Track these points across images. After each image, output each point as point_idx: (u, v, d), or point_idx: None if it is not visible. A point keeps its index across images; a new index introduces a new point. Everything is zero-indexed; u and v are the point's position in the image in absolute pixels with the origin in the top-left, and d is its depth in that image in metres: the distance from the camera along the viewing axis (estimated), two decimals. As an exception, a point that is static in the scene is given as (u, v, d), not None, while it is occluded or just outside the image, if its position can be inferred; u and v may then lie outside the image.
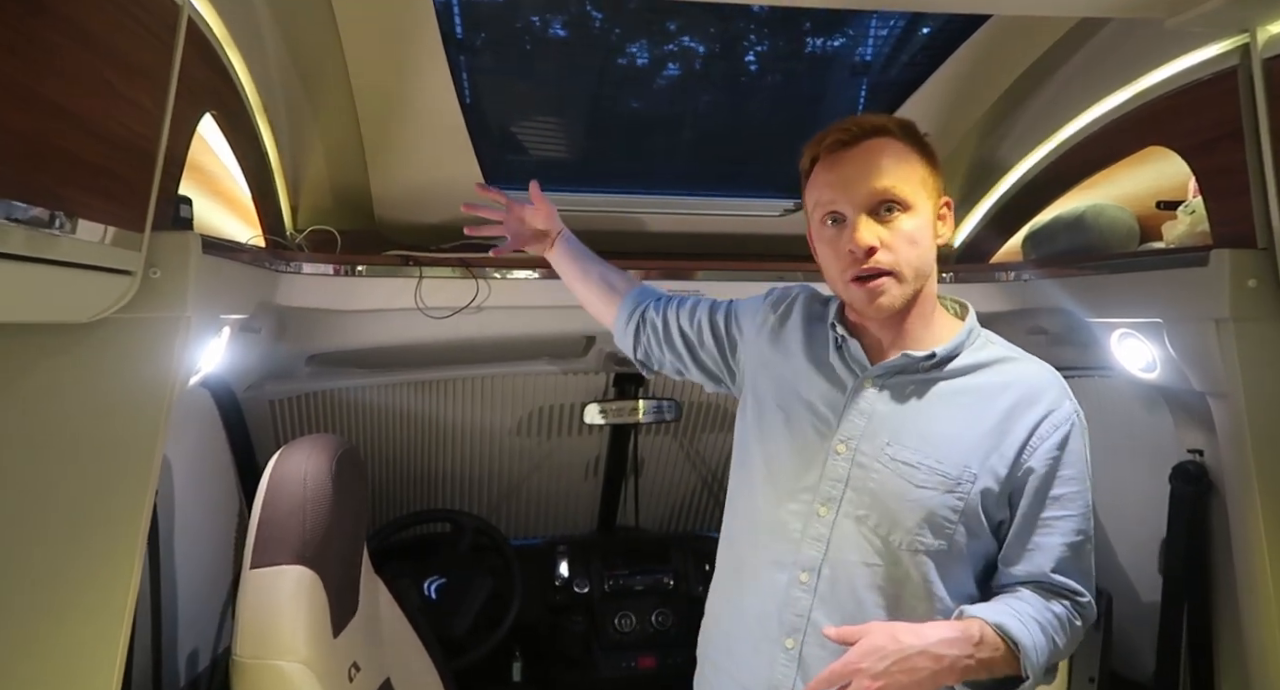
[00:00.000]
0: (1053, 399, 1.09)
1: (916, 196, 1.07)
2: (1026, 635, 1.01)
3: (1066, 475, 1.08)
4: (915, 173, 1.08)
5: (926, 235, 1.09)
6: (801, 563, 1.13)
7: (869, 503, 1.10)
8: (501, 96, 1.82)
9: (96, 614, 1.03)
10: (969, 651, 0.99)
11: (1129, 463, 1.81)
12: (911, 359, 1.11)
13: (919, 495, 1.07)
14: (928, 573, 1.09)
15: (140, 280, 1.05)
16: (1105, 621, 1.72)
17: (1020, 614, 1.04)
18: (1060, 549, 1.08)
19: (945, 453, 1.08)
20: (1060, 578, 1.08)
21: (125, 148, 0.98)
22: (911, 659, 0.97)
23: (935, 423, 1.10)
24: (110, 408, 1.06)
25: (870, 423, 1.12)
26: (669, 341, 1.40)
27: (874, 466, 1.10)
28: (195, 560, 1.66)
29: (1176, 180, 1.63)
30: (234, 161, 1.54)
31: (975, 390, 1.10)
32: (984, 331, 1.18)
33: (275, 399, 1.97)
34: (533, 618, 2.32)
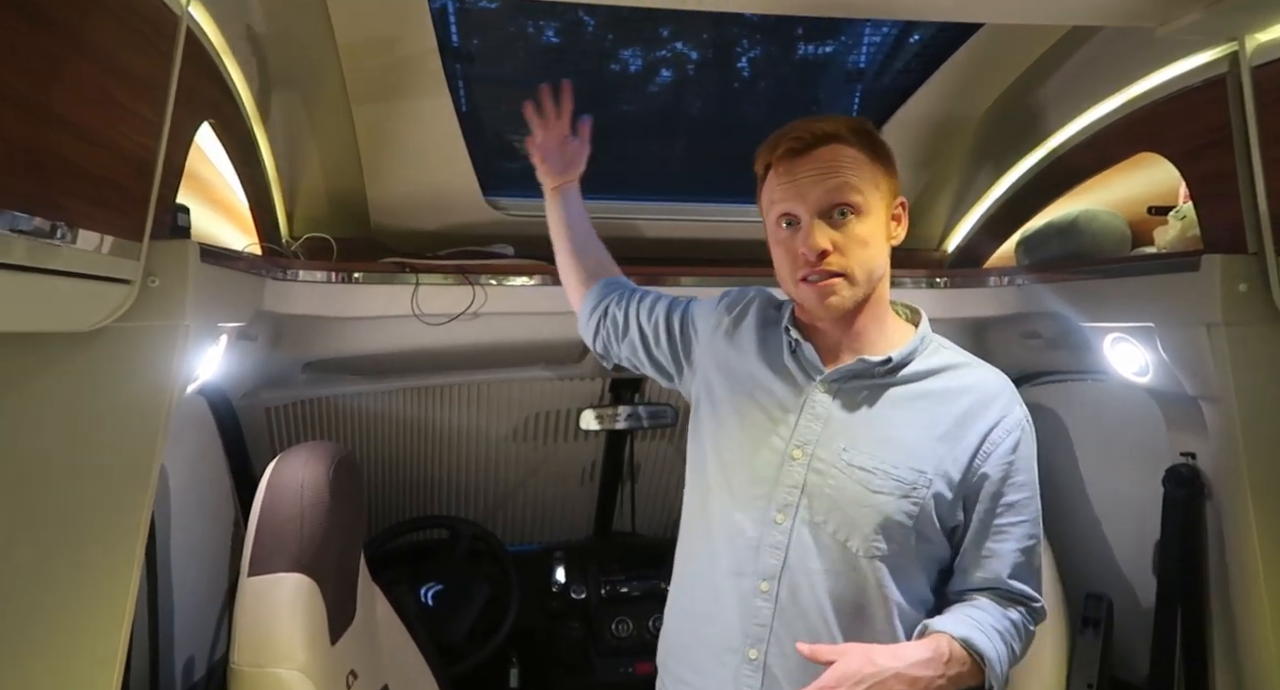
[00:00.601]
0: (1004, 405, 1.11)
1: (869, 200, 1.09)
2: (991, 648, 1.04)
3: (1019, 481, 1.10)
4: (867, 176, 1.09)
5: (878, 238, 1.10)
6: (761, 571, 1.13)
7: (826, 509, 1.10)
8: (497, 104, 1.83)
9: (95, 622, 1.03)
10: (941, 671, 1.01)
11: (1123, 466, 1.82)
12: (867, 364, 1.13)
13: (876, 501, 1.08)
14: (884, 578, 1.10)
15: (139, 289, 1.05)
16: (1105, 627, 1.73)
17: (982, 625, 1.06)
18: (1015, 555, 1.10)
19: (900, 458, 1.09)
20: (1017, 584, 1.10)
21: (125, 157, 0.98)
22: (886, 683, 0.99)
23: (890, 428, 1.11)
24: (109, 416, 1.06)
25: (826, 428, 1.13)
26: (626, 336, 1.40)
27: (830, 473, 1.11)
28: (191, 568, 1.65)
29: (1167, 186, 1.65)
30: (230, 170, 1.55)
31: (929, 396, 1.11)
32: (935, 337, 1.19)
33: (271, 406, 1.97)
34: (530, 624, 2.32)
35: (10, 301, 0.82)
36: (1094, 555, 1.89)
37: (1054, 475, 2.01)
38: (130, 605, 1.05)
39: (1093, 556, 1.89)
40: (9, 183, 0.75)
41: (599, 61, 1.78)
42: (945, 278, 1.97)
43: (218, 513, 1.82)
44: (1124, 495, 1.83)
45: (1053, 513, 1.88)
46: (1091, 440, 1.94)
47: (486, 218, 1.89)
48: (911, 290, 1.97)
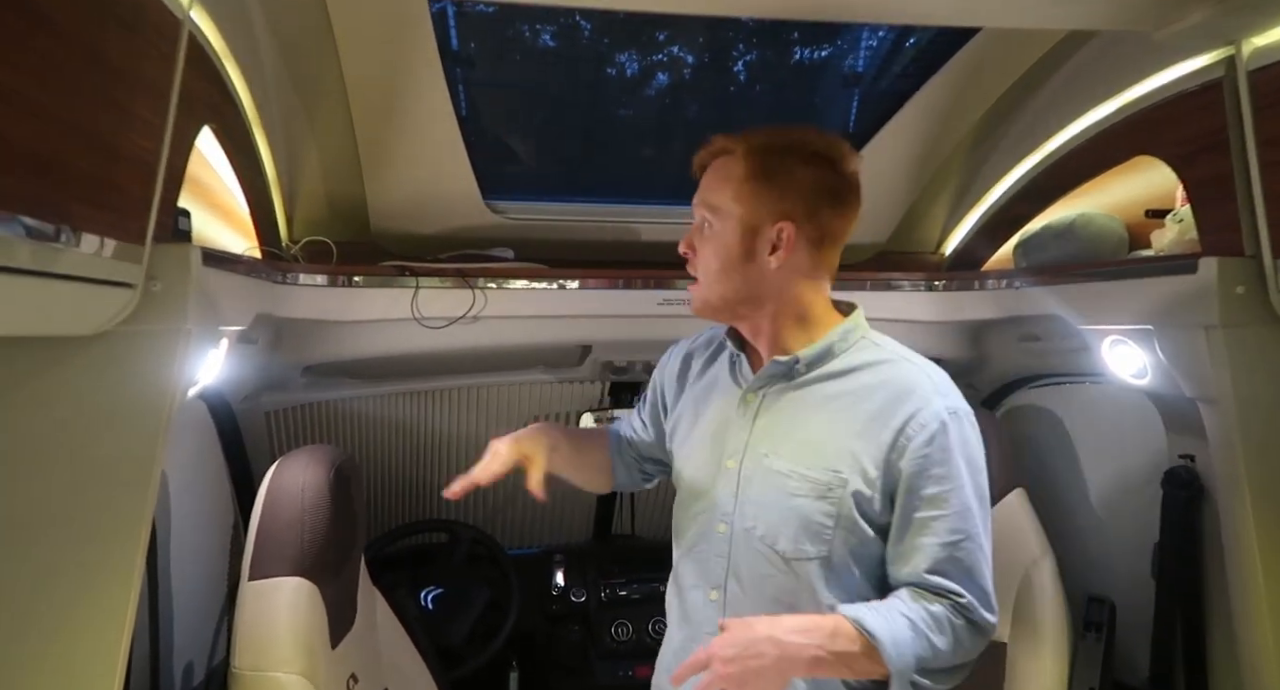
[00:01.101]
0: (920, 398, 1.08)
1: (725, 215, 1.11)
2: (885, 629, 1.00)
3: (937, 474, 1.06)
4: (731, 194, 1.11)
5: (731, 253, 1.11)
6: (710, 580, 1.17)
7: (754, 514, 1.12)
8: (496, 108, 1.83)
9: (96, 626, 1.03)
10: (819, 641, 0.99)
11: (1122, 468, 1.83)
12: (780, 364, 1.14)
13: (794, 503, 1.09)
14: (815, 580, 1.09)
15: (141, 293, 1.05)
16: (1108, 630, 1.73)
17: (884, 610, 1.04)
18: (935, 549, 1.06)
19: (815, 459, 1.09)
20: (936, 578, 1.06)
21: (127, 161, 0.98)
22: (758, 644, 0.99)
23: (807, 429, 1.12)
24: (111, 420, 1.06)
25: (752, 435, 1.15)
26: (644, 460, 1.42)
27: (755, 478, 1.13)
28: (191, 572, 1.65)
29: (1164, 189, 1.66)
30: (231, 174, 1.55)
31: (847, 394, 1.11)
32: (873, 334, 1.18)
33: (271, 410, 1.97)
34: (530, 627, 2.32)
35: (14, 305, 0.82)
36: (1095, 558, 1.90)
37: (1053, 478, 2.02)
38: (131, 609, 1.05)
39: (1094, 559, 1.90)
40: (13, 186, 0.75)
41: (596, 66, 1.79)
42: (943, 281, 1.98)
43: (217, 517, 1.81)
44: (1124, 498, 1.83)
45: (1052, 515, 1.91)
46: (1090, 443, 1.95)
47: (486, 221, 1.90)
48: (909, 293, 1.98)
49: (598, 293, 1.83)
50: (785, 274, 1.12)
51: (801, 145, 1.11)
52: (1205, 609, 1.56)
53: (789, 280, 1.13)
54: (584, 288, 1.83)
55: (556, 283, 1.82)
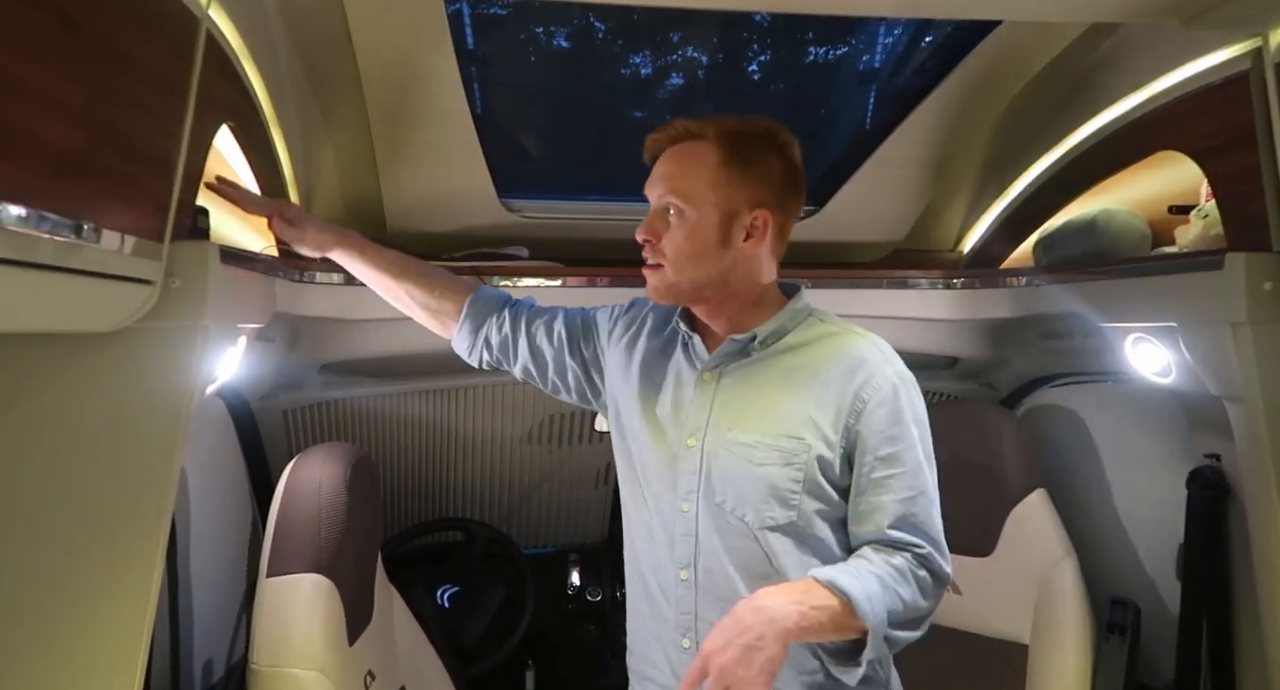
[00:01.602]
0: (872, 366, 1.15)
1: (699, 201, 1.13)
2: (857, 585, 1.03)
3: (892, 435, 1.12)
4: (706, 179, 1.13)
5: (702, 239, 1.14)
6: (679, 560, 1.19)
7: (721, 488, 1.16)
8: (512, 106, 1.83)
9: (116, 622, 1.03)
10: (796, 598, 1.02)
11: (1146, 469, 1.80)
12: (736, 342, 1.19)
13: (760, 473, 1.13)
14: (784, 547, 1.13)
15: (160, 290, 1.06)
16: (1132, 633, 1.70)
17: (853, 568, 1.07)
18: (894, 505, 1.11)
19: (780, 428, 1.14)
20: (896, 532, 1.11)
21: (147, 158, 0.99)
22: (743, 621, 1.00)
23: (769, 402, 1.16)
24: (130, 416, 1.06)
25: (712, 412, 1.19)
26: (518, 359, 1.39)
27: (720, 454, 1.16)
28: (210, 569, 1.66)
29: (1188, 184, 1.63)
30: (249, 172, 1.56)
31: (804, 367, 1.17)
32: (816, 311, 1.24)
33: (288, 408, 1.98)
34: (545, 626, 2.32)
35: (36, 301, 0.83)
36: (1118, 559, 1.87)
37: (1075, 478, 1.99)
38: (151, 606, 1.05)
39: (1117, 561, 1.87)
40: (37, 183, 0.76)
41: (611, 65, 1.79)
42: (961, 278, 1.96)
43: (236, 514, 1.82)
44: (1148, 498, 1.80)
45: (1074, 516, 1.89)
46: (1113, 443, 1.92)
47: (501, 219, 1.90)
48: (926, 291, 1.96)
49: (612, 291, 1.83)
50: (752, 258, 1.17)
51: (773, 134, 1.16)
52: (1232, 611, 1.53)
53: (754, 264, 1.18)
54: (598, 286, 1.82)
55: (571, 281, 1.81)
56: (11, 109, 0.72)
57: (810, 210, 2.02)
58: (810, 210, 2.02)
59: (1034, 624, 1.79)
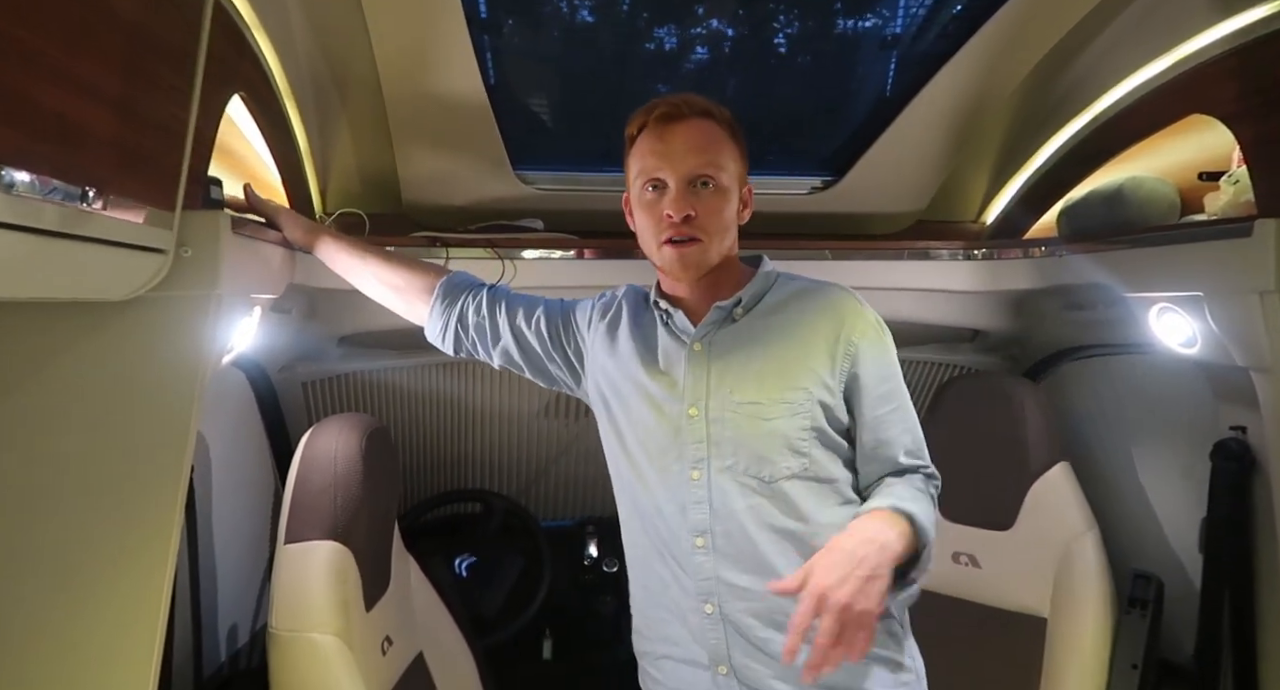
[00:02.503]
0: (852, 312, 1.22)
1: (728, 179, 1.20)
2: (911, 508, 1.11)
3: (885, 374, 1.22)
4: (729, 159, 1.20)
5: (731, 214, 1.22)
6: (693, 529, 1.20)
7: (732, 451, 1.19)
8: (526, 77, 1.81)
9: (136, 587, 1.06)
10: (888, 526, 1.08)
11: (1170, 442, 1.77)
12: (722, 309, 1.23)
13: (771, 427, 1.17)
14: (802, 494, 1.17)
15: (172, 259, 1.07)
16: (1154, 607, 1.68)
17: (900, 496, 1.14)
18: (902, 436, 1.22)
19: (782, 383, 1.19)
20: (909, 460, 1.22)
21: (155, 127, 0.99)
22: (855, 552, 1.02)
23: (765, 360, 1.21)
24: (145, 384, 1.08)
25: (710, 379, 1.22)
26: (499, 343, 1.40)
27: (726, 417, 1.19)
28: (233, 537, 1.70)
29: (1219, 151, 1.58)
30: (263, 145, 1.57)
31: (789, 322, 1.23)
32: (782, 273, 1.31)
33: (308, 381, 2.00)
34: (563, 597, 2.34)
35: (45, 268, 0.84)
36: (1140, 533, 1.84)
37: (1098, 451, 1.96)
38: (169, 571, 1.08)
39: (1141, 534, 1.84)
40: (40, 149, 0.77)
41: (628, 33, 1.76)
42: (983, 249, 1.92)
43: (257, 483, 1.86)
44: (1171, 471, 1.77)
45: (1097, 489, 1.86)
46: (1137, 415, 1.89)
47: (516, 192, 1.89)
48: (948, 262, 1.92)
49: (627, 263, 1.82)
50: (736, 230, 1.26)
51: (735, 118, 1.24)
52: (1255, 585, 1.51)
53: (736, 235, 1.27)
54: (613, 259, 1.81)
55: (587, 253, 1.81)
56: (17, 75, 0.72)
57: (829, 181, 1.98)
58: (829, 181, 1.98)
59: (1054, 597, 1.77)
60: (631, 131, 1.24)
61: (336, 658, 1.35)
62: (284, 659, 1.36)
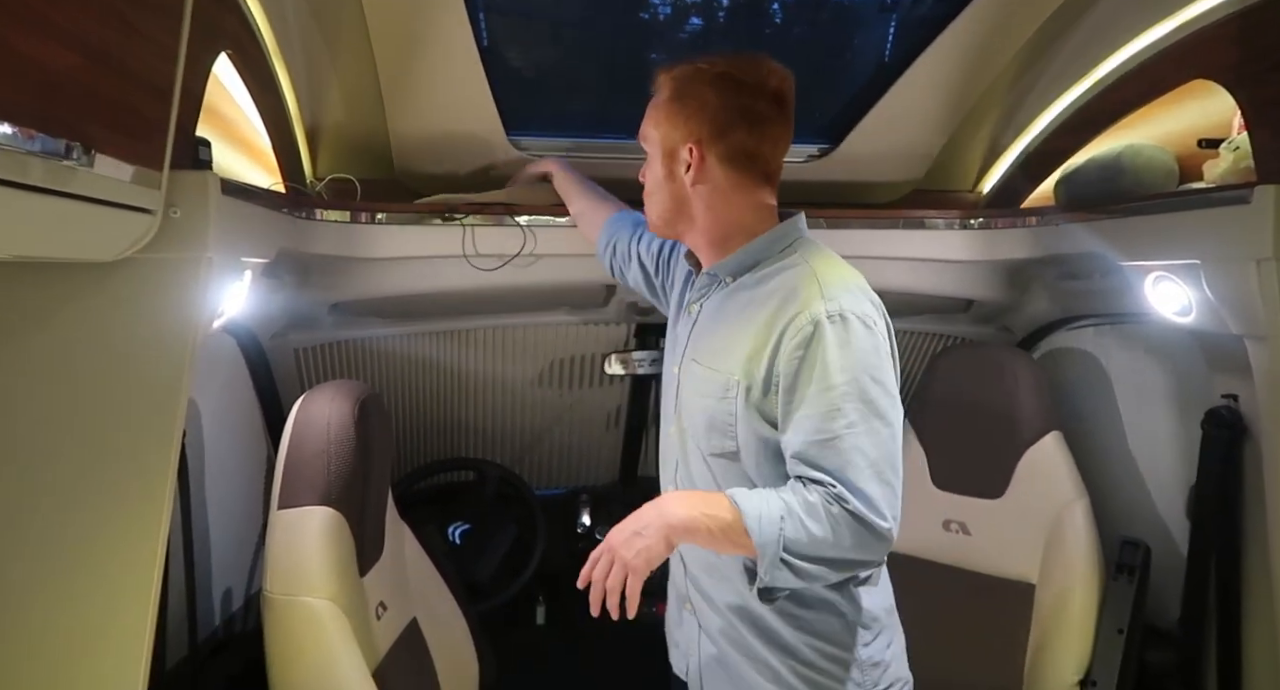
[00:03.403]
0: (801, 302, 1.12)
1: (652, 140, 1.23)
2: (753, 505, 1.06)
3: (805, 376, 1.09)
4: (655, 118, 1.23)
5: (658, 177, 1.24)
6: (667, 478, 1.32)
7: (687, 416, 1.25)
8: (519, 40, 1.78)
9: (129, 552, 1.06)
10: (695, 502, 1.10)
11: (1162, 410, 1.78)
12: (709, 277, 1.27)
13: (703, 403, 1.20)
14: (730, 476, 1.19)
15: (161, 219, 1.05)
16: (1141, 573, 1.70)
17: (764, 493, 1.10)
18: (807, 444, 1.09)
19: (720, 361, 1.19)
20: (803, 468, 1.09)
21: (140, 82, 0.97)
22: (640, 513, 1.11)
23: (723, 335, 1.21)
24: (136, 346, 1.07)
25: (689, 343, 1.27)
26: (630, 265, 1.56)
27: (686, 383, 1.26)
28: (227, 503, 1.70)
29: (1219, 118, 1.57)
30: (253, 108, 1.54)
31: (754, 300, 1.19)
32: (803, 242, 1.23)
33: (300, 348, 1.99)
34: (556, 564, 2.35)
35: (31, 225, 0.82)
36: (1131, 500, 1.86)
37: (1091, 420, 1.98)
38: (162, 536, 1.07)
39: (1131, 502, 1.86)
40: (23, 101, 0.75)
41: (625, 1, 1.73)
42: (979, 218, 1.91)
43: (251, 450, 1.85)
44: (1163, 439, 1.79)
45: (1090, 458, 1.87)
46: (1130, 385, 1.90)
47: (510, 157, 1.87)
48: (944, 231, 1.91)
49: None
50: (705, 192, 1.21)
51: (708, 68, 1.18)
52: (1241, 552, 1.53)
53: (711, 198, 1.21)
54: None
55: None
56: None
57: (825, 148, 1.96)
58: (825, 148, 1.96)
59: (1043, 564, 1.79)
60: None
61: (331, 622, 1.35)
62: (278, 623, 1.37)
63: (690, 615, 1.32)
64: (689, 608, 1.32)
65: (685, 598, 1.33)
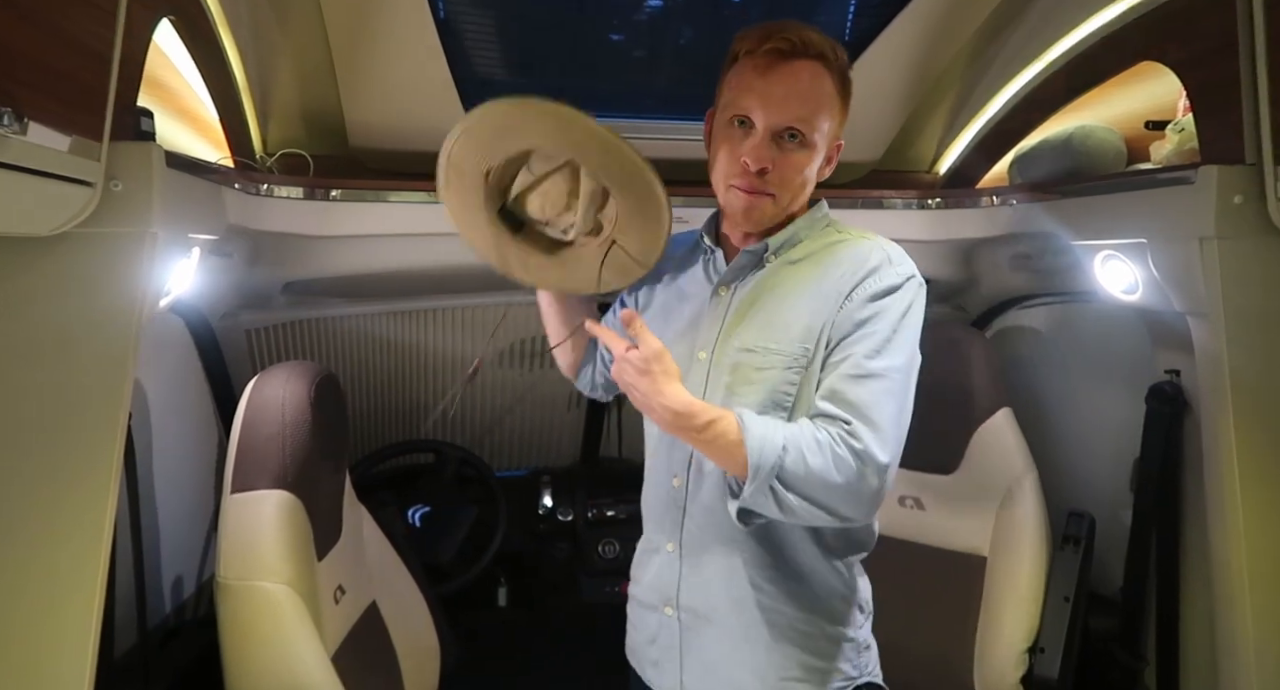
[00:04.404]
0: (875, 262, 1.11)
1: (820, 137, 1.11)
2: (759, 427, 1.03)
3: (872, 318, 1.08)
4: (828, 109, 1.11)
5: (812, 172, 1.14)
6: (674, 468, 1.22)
7: (722, 398, 1.15)
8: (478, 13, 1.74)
9: (73, 539, 1.02)
10: (696, 407, 1.04)
11: (1110, 386, 1.83)
12: (751, 254, 1.18)
13: (761, 377, 1.12)
14: None
15: (101, 192, 1.01)
16: (1086, 543, 1.76)
17: (772, 420, 1.06)
18: (840, 379, 1.06)
19: (782, 334, 1.12)
20: (830, 405, 1.06)
21: (76, 47, 0.92)
22: (651, 372, 1.05)
23: (775, 309, 1.15)
24: (78, 325, 1.03)
25: (725, 325, 1.18)
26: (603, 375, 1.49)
27: (724, 364, 1.16)
28: (177, 488, 1.65)
29: (1167, 100, 1.61)
30: (199, 79, 1.48)
31: (810, 275, 1.15)
32: (835, 221, 1.23)
33: (251, 328, 1.93)
34: (518, 546, 2.35)
35: (-39, 195, 0.78)
36: (1078, 474, 1.92)
37: (1041, 396, 2.03)
38: (108, 523, 1.04)
39: (1076, 476, 1.92)
40: (-52, 63, 0.71)
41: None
42: (936, 199, 1.93)
43: (201, 434, 1.80)
44: (1109, 415, 1.84)
45: (1040, 433, 1.92)
46: (1079, 361, 1.95)
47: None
48: (902, 211, 1.94)
49: None
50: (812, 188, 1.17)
51: (844, 57, 1.13)
52: (1180, 522, 1.58)
53: (810, 192, 1.19)
54: None
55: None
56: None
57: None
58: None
59: (994, 537, 1.84)
60: (737, 50, 1.13)
61: (287, 606, 1.33)
62: (233, 608, 1.34)
63: (673, 620, 1.23)
64: (670, 612, 1.23)
65: (670, 600, 1.24)
